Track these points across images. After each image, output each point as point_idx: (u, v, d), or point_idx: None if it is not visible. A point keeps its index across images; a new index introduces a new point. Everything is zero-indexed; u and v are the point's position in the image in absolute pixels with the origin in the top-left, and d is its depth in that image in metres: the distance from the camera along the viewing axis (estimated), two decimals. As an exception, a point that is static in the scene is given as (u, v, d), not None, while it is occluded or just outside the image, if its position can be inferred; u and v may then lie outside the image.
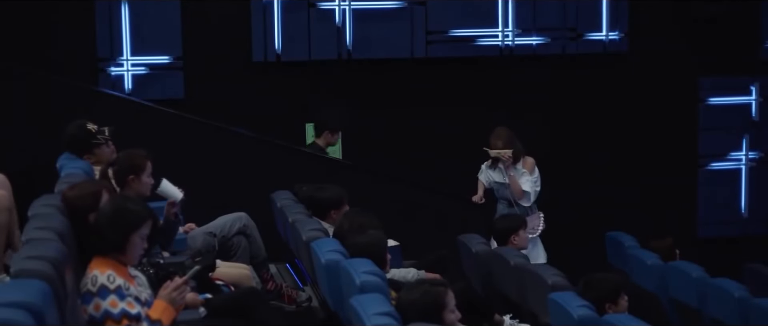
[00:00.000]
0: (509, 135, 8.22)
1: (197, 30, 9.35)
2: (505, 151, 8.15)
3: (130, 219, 4.51)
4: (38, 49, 8.77)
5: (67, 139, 6.68)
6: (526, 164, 8.24)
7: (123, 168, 5.86)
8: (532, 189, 8.19)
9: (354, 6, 9.62)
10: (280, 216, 7.33)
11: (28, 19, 8.90)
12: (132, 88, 9.25)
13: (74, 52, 9.03)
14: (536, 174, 8.25)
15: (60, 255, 4.09)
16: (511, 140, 8.20)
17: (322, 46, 9.58)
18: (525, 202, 8.21)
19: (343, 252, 5.62)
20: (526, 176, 8.22)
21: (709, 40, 10.36)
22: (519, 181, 8.17)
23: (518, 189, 8.19)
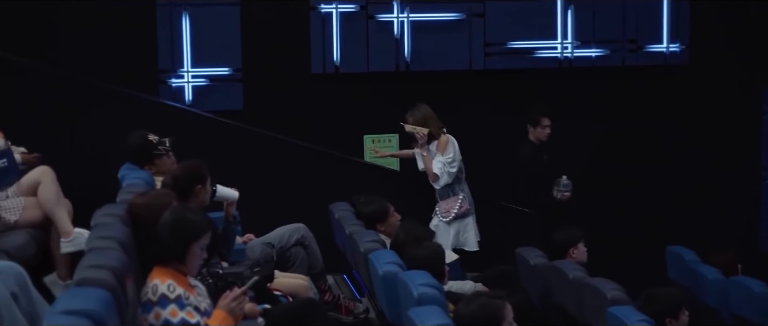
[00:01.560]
0: (422, 114, 8.02)
1: (257, 42, 9.42)
2: (420, 128, 7.95)
3: (191, 229, 4.55)
4: (102, 61, 8.89)
5: (129, 149, 6.77)
6: (439, 144, 8.00)
7: (189, 178, 5.91)
8: (442, 172, 7.93)
9: (412, 18, 9.63)
10: (338, 227, 7.35)
11: (92, 31, 9.03)
12: (192, 100, 9.34)
13: (136, 64, 9.13)
14: (450, 155, 7.98)
15: (122, 265, 4.14)
16: (428, 118, 8.00)
17: (380, 58, 9.61)
18: (437, 185, 8.02)
19: (401, 263, 5.62)
20: (437, 157, 7.99)
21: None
22: (432, 163, 7.97)
23: (430, 171, 7.97)
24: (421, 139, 7.91)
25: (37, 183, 6.15)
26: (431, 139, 7.99)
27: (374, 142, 9.50)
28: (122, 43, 9.07)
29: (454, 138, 8.03)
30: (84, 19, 9.01)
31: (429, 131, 7.93)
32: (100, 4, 8.98)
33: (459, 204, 7.98)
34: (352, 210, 7.27)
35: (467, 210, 8.03)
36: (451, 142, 8.01)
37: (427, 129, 7.89)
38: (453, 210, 7.96)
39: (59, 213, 6.05)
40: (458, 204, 7.97)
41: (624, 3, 9.98)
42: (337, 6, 9.50)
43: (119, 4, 8.97)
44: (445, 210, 7.92)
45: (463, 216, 8.02)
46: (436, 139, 7.96)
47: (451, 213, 7.95)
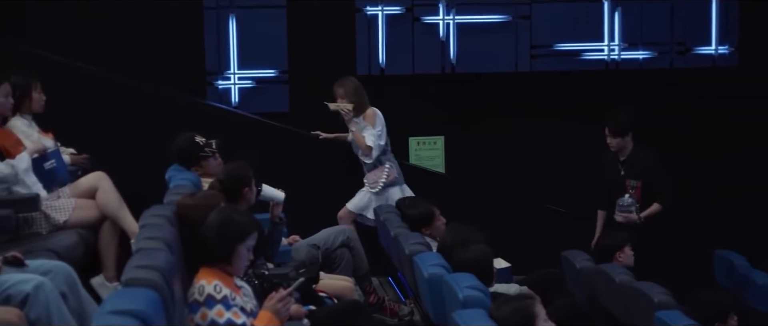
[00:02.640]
0: (353, 86, 8.01)
1: (303, 44, 9.45)
2: (344, 104, 7.92)
3: (237, 230, 4.58)
4: (150, 64, 8.97)
5: (176, 151, 6.83)
6: (366, 117, 7.98)
7: (236, 180, 5.95)
8: (375, 144, 7.93)
9: (458, 20, 9.62)
10: (383, 229, 7.35)
11: (140, 34, 9.11)
12: (238, 102, 9.39)
13: (184, 66, 9.20)
14: (379, 127, 7.97)
15: (169, 265, 4.18)
16: (354, 91, 7.98)
17: (425, 60, 9.60)
18: (368, 159, 8.00)
19: (446, 266, 5.61)
20: (368, 129, 7.97)
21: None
22: (362, 136, 7.96)
23: (363, 145, 7.96)
24: (347, 114, 7.92)
25: (94, 188, 6.26)
26: (358, 112, 7.97)
27: (419, 144, 9.50)
28: (170, 45, 9.14)
29: (380, 111, 8.03)
30: (132, 21, 9.09)
31: (354, 106, 7.92)
32: (149, 7, 9.06)
33: (386, 174, 7.96)
34: (398, 213, 7.27)
35: (395, 178, 8.00)
36: (377, 114, 8.01)
37: (352, 104, 7.90)
38: (381, 180, 7.94)
39: (124, 215, 6.18)
40: (386, 173, 7.95)
41: (672, 4, 9.89)
42: (382, 8, 9.51)
43: (167, 7, 9.05)
44: (373, 181, 7.92)
45: (390, 184, 7.98)
46: (363, 112, 7.95)
47: (379, 183, 7.94)
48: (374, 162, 7.99)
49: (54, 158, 6.56)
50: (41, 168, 6.43)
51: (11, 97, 6.66)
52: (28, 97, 6.94)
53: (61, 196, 6.24)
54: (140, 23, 9.12)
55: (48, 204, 6.11)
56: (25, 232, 6.00)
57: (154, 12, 9.09)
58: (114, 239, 6.29)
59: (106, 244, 6.29)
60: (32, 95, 6.97)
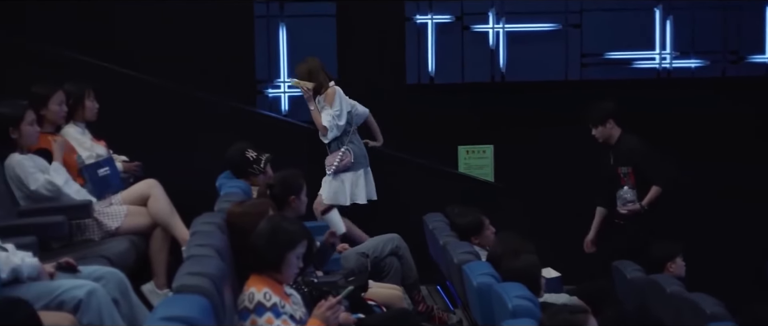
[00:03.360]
0: (312, 65, 7.92)
1: (352, 53, 9.47)
2: (304, 82, 7.83)
3: (286, 238, 4.60)
4: (201, 72, 9.03)
5: (227, 161, 6.90)
6: (327, 97, 7.89)
7: (284, 189, 5.98)
8: (331, 125, 7.83)
9: (508, 28, 9.59)
10: (432, 238, 7.34)
11: (191, 42, 9.18)
12: (288, 110, 9.43)
13: (235, 75, 9.26)
14: (337, 108, 7.87)
15: (219, 272, 4.20)
16: (313, 71, 7.90)
17: (475, 69, 9.58)
18: (324, 138, 7.91)
19: (495, 275, 5.59)
20: (326, 109, 7.88)
21: None
22: (320, 115, 7.87)
23: (319, 124, 7.87)
24: (307, 92, 7.84)
25: (146, 195, 6.33)
26: (318, 92, 7.91)
27: (468, 153, 9.48)
28: (221, 54, 9.21)
29: (341, 90, 7.96)
30: (184, 30, 9.17)
31: (315, 85, 7.85)
32: (200, 15, 9.13)
33: (340, 158, 7.87)
34: (447, 222, 7.26)
35: (350, 163, 7.89)
36: (337, 94, 7.92)
37: (313, 83, 7.82)
38: (334, 163, 7.87)
39: (175, 222, 6.24)
40: (339, 157, 7.86)
41: (725, 13, 9.79)
42: (432, 17, 9.51)
43: (218, 16, 9.12)
44: (328, 165, 7.87)
45: (345, 169, 7.88)
46: (323, 92, 7.89)
47: (332, 166, 7.87)
48: (336, 144, 7.90)
49: (107, 166, 6.64)
50: (95, 175, 6.52)
51: (65, 104, 6.75)
52: (82, 105, 7.03)
53: (114, 203, 6.31)
54: (192, 31, 9.19)
55: (100, 211, 6.18)
56: (78, 239, 6.07)
57: (205, 20, 9.16)
58: (165, 246, 6.35)
59: (157, 251, 6.35)
60: (85, 103, 7.06)
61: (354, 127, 8.01)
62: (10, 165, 6.08)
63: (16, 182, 6.07)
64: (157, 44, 9.09)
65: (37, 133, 6.24)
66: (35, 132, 6.20)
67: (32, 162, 6.13)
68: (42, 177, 6.06)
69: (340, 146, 7.88)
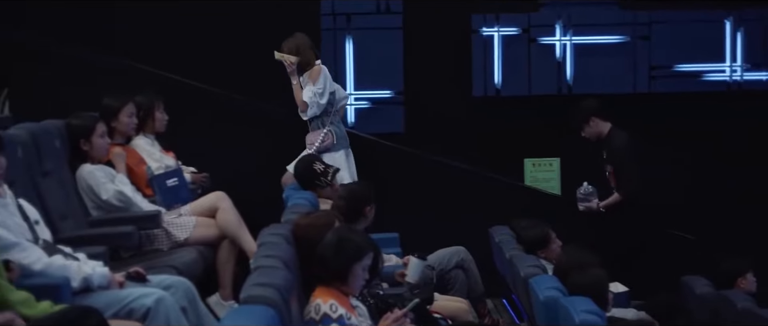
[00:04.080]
0: (300, 41, 7.80)
1: (419, 65, 9.48)
2: (288, 56, 7.69)
3: (353, 250, 4.61)
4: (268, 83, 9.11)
5: (296, 172, 6.94)
6: (311, 74, 7.76)
7: (359, 199, 6.00)
8: (312, 101, 7.68)
9: (575, 41, 9.53)
10: (498, 251, 7.31)
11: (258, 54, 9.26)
12: (355, 122, 9.46)
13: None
14: (321, 86, 7.73)
15: (286, 283, 4.22)
16: (300, 47, 7.78)
17: (542, 81, 9.53)
18: (304, 115, 7.78)
19: (562, 289, 5.54)
20: (309, 86, 7.74)
21: None
22: (302, 91, 7.73)
23: (299, 99, 7.73)
24: (290, 67, 7.73)
25: (215, 207, 6.39)
26: (303, 69, 7.80)
27: (535, 165, 9.43)
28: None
29: (327, 69, 7.87)
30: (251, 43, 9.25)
31: (299, 60, 7.74)
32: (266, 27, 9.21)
33: (322, 138, 7.75)
34: (513, 235, 7.23)
35: (331, 143, 7.78)
36: (322, 72, 7.80)
37: (297, 58, 7.71)
38: (316, 142, 7.74)
39: (243, 234, 6.29)
40: (321, 137, 7.75)
41: (798, 25, 9.63)
42: (498, 29, 9.48)
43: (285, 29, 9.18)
44: (309, 143, 7.77)
45: (325, 150, 7.77)
46: (309, 69, 7.79)
47: (313, 145, 7.75)
48: (318, 123, 7.81)
49: (176, 176, 6.72)
50: (164, 185, 6.60)
51: (135, 116, 6.85)
52: (151, 116, 7.13)
53: (183, 214, 6.38)
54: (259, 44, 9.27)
55: (169, 221, 6.25)
56: (147, 248, 6.15)
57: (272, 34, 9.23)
58: (232, 258, 6.40)
59: (223, 263, 6.40)
60: (155, 115, 7.16)
61: (336, 108, 7.95)
62: (82, 176, 6.18)
63: (87, 192, 6.17)
64: (225, 57, 9.18)
65: (108, 145, 6.34)
66: (106, 144, 6.30)
67: (103, 172, 6.23)
68: (112, 187, 6.16)
69: (322, 126, 7.81)
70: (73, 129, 6.24)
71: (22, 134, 5.82)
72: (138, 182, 6.59)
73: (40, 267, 4.41)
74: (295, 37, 7.84)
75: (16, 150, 5.54)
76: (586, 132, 8.04)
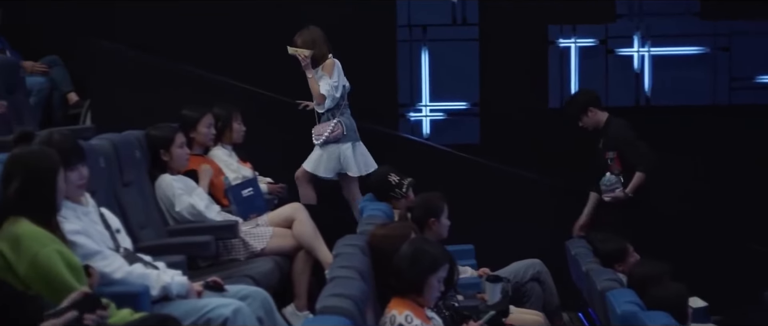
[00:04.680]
0: (312, 36, 7.75)
1: (494, 76, 9.45)
2: (302, 50, 7.65)
3: (429, 261, 4.61)
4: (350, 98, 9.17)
5: (370, 183, 6.96)
6: (325, 67, 7.72)
7: (423, 211, 6.02)
8: (328, 93, 7.67)
9: (653, 52, 9.42)
10: (574, 264, 7.25)
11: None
12: (430, 133, 9.47)
13: (377, 99, 9.35)
14: (335, 79, 7.73)
15: (362, 294, 4.24)
16: (312, 41, 7.73)
17: (619, 93, 9.43)
18: (320, 108, 7.74)
19: (640, 303, 5.48)
20: (325, 79, 7.70)
21: None
22: (318, 84, 7.70)
23: (316, 92, 7.69)
24: (304, 60, 7.70)
25: (291, 218, 6.44)
26: (318, 62, 7.79)
27: (612, 178, 9.32)
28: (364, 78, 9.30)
29: (339, 63, 7.86)
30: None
31: (312, 54, 7.73)
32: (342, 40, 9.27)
33: (331, 129, 7.72)
34: (589, 248, 7.16)
35: (341, 134, 7.75)
36: (336, 65, 7.81)
37: (310, 51, 7.70)
38: (324, 133, 7.72)
39: (319, 245, 6.33)
40: (331, 128, 7.73)
41: None
42: (575, 40, 9.42)
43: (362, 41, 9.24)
44: (318, 134, 7.75)
45: (335, 140, 7.74)
46: (322, 62, 7.77)
47: (322, 135, 7.72)
48: (328, 115, 7.82)
49: (251, 186, 6.78)
50: (239, 195, 6.67)
51: (213, 127, 6.94)
52: (229, 127, 7.22)
53: (260, 225, 6.44)
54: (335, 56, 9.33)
55: (246, 231, 6.31)
56: (224, 258, 6.22)
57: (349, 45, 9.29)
58: (307, 269, 6.44)
59: (299, 273, 6.44)
60: (233, 126, 7.25)
61: (346, 101, 7.98)
62: (160, 186, 6.28)
63: (165, 202, 6.27)
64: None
65: (187, 156, 6.43)
66: (185, 154, 6.39)
67: (181, 183, 6.32)
68: (187, 200, 6.24)
69: (332, 118, 7.83)
70: (153, 139, 6.35)
71: (104, 144, 5.92)
72: (216, 193, 6.68)
73: (120, 275, 4.48)
74: (310, 29, 7.88)
75: (99, 160, 5.65)
76: (584, 122, 8.03)
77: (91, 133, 6.76)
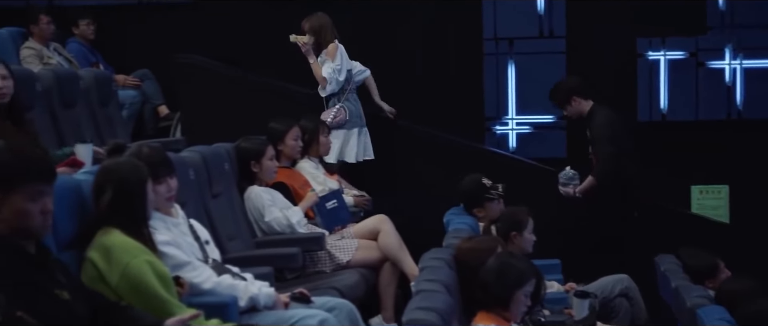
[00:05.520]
0: (322, 21, 7.74)
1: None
2: (300, 37, 7.62)
3: (515, 275, 4.58)
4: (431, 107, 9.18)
5: (461, 191, 6.89)
6: (328, 52, 7.68)
7: (505, 225, 5.99)
8: (330, 76, 7.62)
9: (746, 65, 9.26)
10: (663, 280, 7.14)
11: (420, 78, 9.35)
12: (516, 147, 9.43)
13: (464, 112, 9.35)
14: (338, 62, 7.67)
15: (447, 307, 4.23)
16: (323, 26, 7.72)
17: (710, 106, 9.30)
18: (323, 91, 7.69)
19: (731, 320, 5.37)
20: (327, 63, 7.65)
21: None
22: (321, 68, 7.67)
23: (319, 76, 7.67)
24: (304, 46, 7.67)
25: (377, 230, 6.47)
26: (322, 48, 7.79)
27: (702, 193, 9.18)
28: (451, 91, 9.32)
29: (343, 48, 7.83)
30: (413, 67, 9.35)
31: (316, 40, 7.74)
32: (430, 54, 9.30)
33: (334, 113, 7.67)
34: (679, 264, 7.04)
35: (343, 120, 7.69)
36: (339, 49, 7.77)
37: (310, 37, 7.71)
38: (328, 118, 7.65)
39: (404, 257, 6.35)
40: (334, 113, 7.67)
41: None
42: (665, 53, 9.31)
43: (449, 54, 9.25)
44: (322, 119, 7.65)
45: (338, 126, 7.66)
46: (325, 47, 7.76)
47: (325, 120, 7.64)
48: (334, 100, 7.79)
49: (335, 198, 6.82)
50: (324, 207, 6.71)
51: (300, 140, 7.00)
52: (316, 140, 7.27)
53: (345, 237, 6.47)
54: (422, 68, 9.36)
55: (332, 244, 6.35)
56: (310, 270, 6.26)
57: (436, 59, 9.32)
58: (393, 281, 6.44)
59: (385, 286, 6.45)
60: (319, 139, 7.30)
61: (352, 86, 7.93)
62: (250, 197, 6.35)
63: (254, 213, 6.33)
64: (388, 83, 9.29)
65: (276, 168, 6.49)
66: (274, 166, 6.46)
67: (269, 195, 6.38)
68: (277, 211, 6.29)
69: (336, 102, 7.81)
70: (243, 151, 6.43)
71: (193, 157, 6.00)
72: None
73: (209, 285, 4.54)
74: (317, 15, 7.91)
75: (188, 172, 5.73)
76: (568, 111, 7.88)
77: (181, 145, 6.88)
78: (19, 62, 8.15)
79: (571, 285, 6.99)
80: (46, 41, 8.58)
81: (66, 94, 7.19)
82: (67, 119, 7.08)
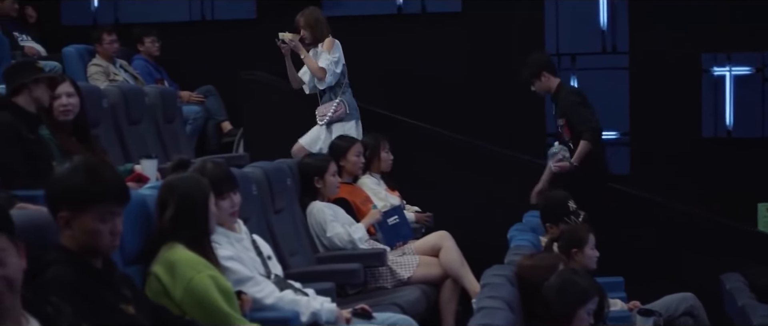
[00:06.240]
0: (316, 14, 7.71)
1: (646, 105, 9.29)
2: (288, 35, 7.53)
3: (578, 293, 4.54)
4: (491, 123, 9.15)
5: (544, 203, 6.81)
6: (325, 44, 7.59)
7: (566, 241, 5.94)
8: (328, 68, 7.52)
9: (813, 81, 9.12)
10: (729, 299, 7.04)
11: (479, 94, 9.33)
12: (577, 163, 9.34)
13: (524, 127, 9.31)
14: (337, 55, 7.57)
15: (509, 324, 4.20)
16: (318, 20, 7.67)
17: (775, 122, 9.17)
18: (321, 84, 7.56)
19: (800, 340, 5.29)
20: (324, 55, 7.55)
21: None
22: (315, 61, 7.58)
23: (315, 67, 7.56)
24: (291, 42, 7.58)
25: (438, 246, 6.47)
26: (317, 41, 7.71)
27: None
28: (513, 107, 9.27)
29: (339, 42, 7.74)
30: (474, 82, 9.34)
31: (307, 35, 7.69)
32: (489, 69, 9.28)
33: (334, 109, 7.59)
34: (745, 282, 6.94)
35: (344, 113, 7.62)
36: (336, 43, 7.68)
37: (296, 34, 7.63)
38: (328, 113, 7.59)
39: (465, 273, 6.34)
40: (333, 108, 7.60)
41: None
42: (730, 69, 9.19)
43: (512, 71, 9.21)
44: (321, 115, 7.62)
45: (338, 119, 7.59)
46: (321, 42, 7.68)
47: (325, 116, 7.59)
48: (330, 95, 7.71)
49: (396, 214, 6.82)
50: (385, 224, 6.72)
51: (362, 156, 7.03)
52: (377, 156, 7.30)
53: (406, 253, 6.47)
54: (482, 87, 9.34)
55: (393, 260, 6.35)
56: (371, 286, 6.27)
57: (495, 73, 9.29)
58: (454, 298, 6.43)
59: (446, 302, 6.44)
60: (381, 155, 7.32)
61: (347, 79, 7.87)
62: (313, 213, 6.38)
63: (317, 229, 6.37)
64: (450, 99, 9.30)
65: (338, 184, 6.53)
66: (337, 182, 6.49)
67: (331, 210, 6.41)
68: (339, 227, 6.32)
69: (334, 97, 7.74)
70: (307, 167, 6.47)
71: (256, 172, 6.06)
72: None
73: (272, 301, 4.56)
74: (311, 10, 7.91)
75: (251, 188, 5.77)
76: (537, 87, 7.80)
77: (244, 160, 6.94)
78: (86, 79, 8.29)
79: (635, 303, 6.91)
80: (111, 58, 8.71)
81: (131, 111, 7.30)
82: (133, 135, 7.19)
